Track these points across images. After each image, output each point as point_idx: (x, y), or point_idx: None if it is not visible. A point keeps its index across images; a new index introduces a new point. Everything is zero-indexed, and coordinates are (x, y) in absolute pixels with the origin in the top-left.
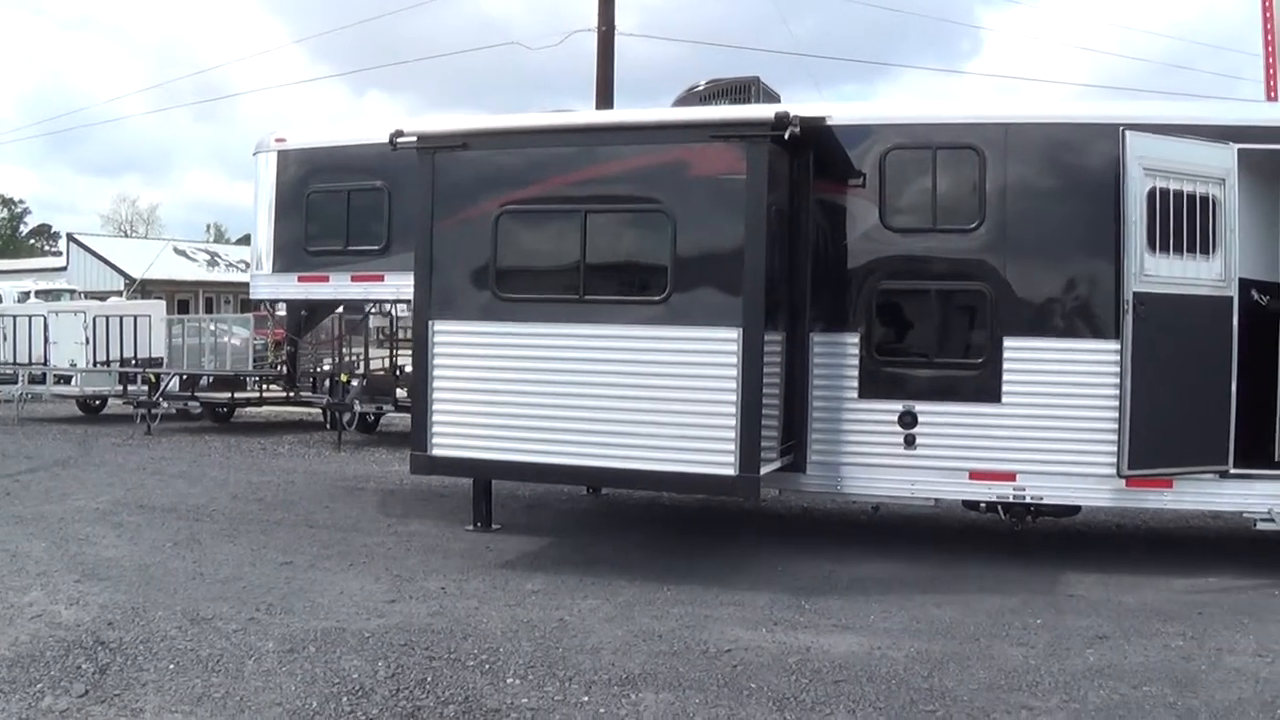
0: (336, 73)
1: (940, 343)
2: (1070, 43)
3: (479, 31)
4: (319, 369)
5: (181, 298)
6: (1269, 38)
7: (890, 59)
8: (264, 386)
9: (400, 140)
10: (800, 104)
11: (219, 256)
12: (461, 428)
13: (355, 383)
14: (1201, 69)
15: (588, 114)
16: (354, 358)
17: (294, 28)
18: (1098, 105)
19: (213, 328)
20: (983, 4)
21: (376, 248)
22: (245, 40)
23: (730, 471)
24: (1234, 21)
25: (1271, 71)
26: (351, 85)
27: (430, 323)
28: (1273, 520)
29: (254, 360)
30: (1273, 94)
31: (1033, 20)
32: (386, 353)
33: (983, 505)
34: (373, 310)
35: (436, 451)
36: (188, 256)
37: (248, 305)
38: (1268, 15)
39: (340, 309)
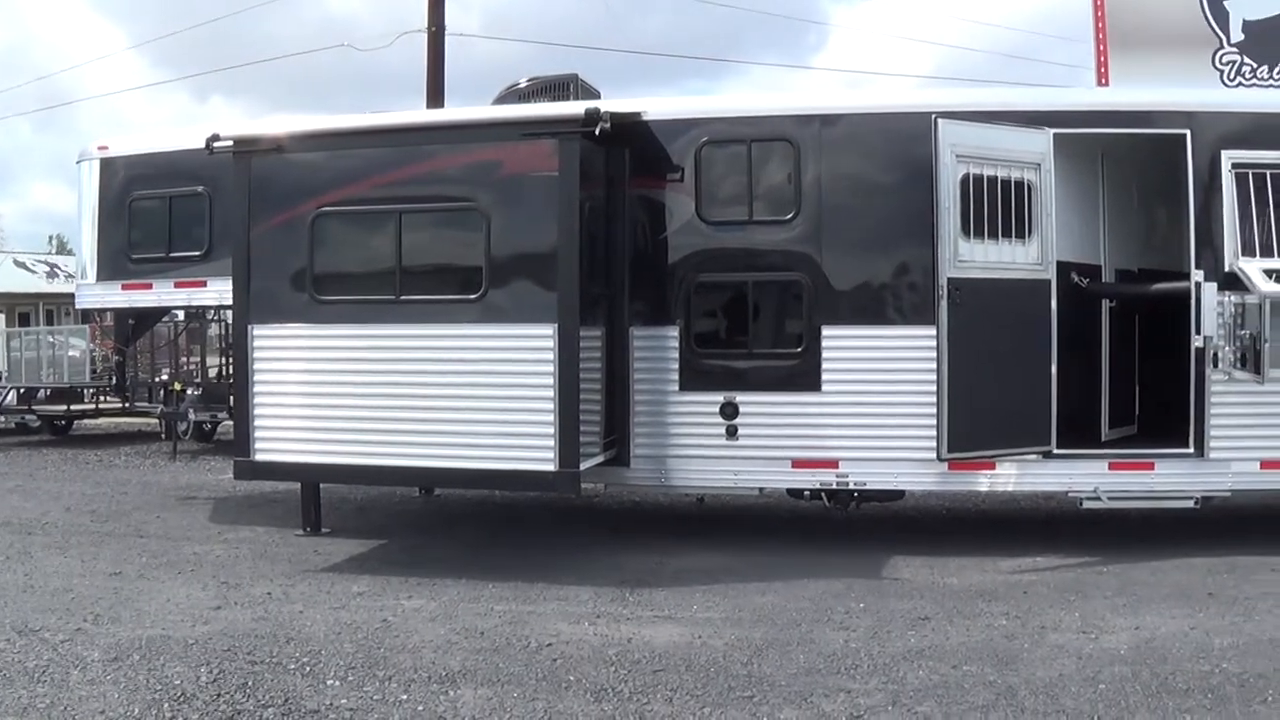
0: (177, 77)
1: (759, 334)
2: (916, 36)
3: (319, 33)
4: (156, 378)
5: (22, 310)
6: (1099, 24)
7: (738, 55)
8: (100, 398)
9: (216, 144)
10: (615, 100)
11: (58, 268)
12: (285, 432)
13: (190, 391)
14: (1050, 60)
15: (402, 114)
16: (191, 366)
17: (134, 32)
18: (911, 94)
19: (51, 340)
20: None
21: (198, 253)
22: (85, 46)
23: (550, 467)
24: (1083, 14)
25: (1102, 58)
26: (194, 90)
27: (249, 327)
28: (1098, 499)
29: (91, 372)
30: (1103, 79)
31: (878, 14)
32: (224, 360)
33: (807, 493)
34: (214, 318)
35: (260, 457)
36: (27, 268)
37: (88, 317)
38: (1099, 2)
39: (180, 315)
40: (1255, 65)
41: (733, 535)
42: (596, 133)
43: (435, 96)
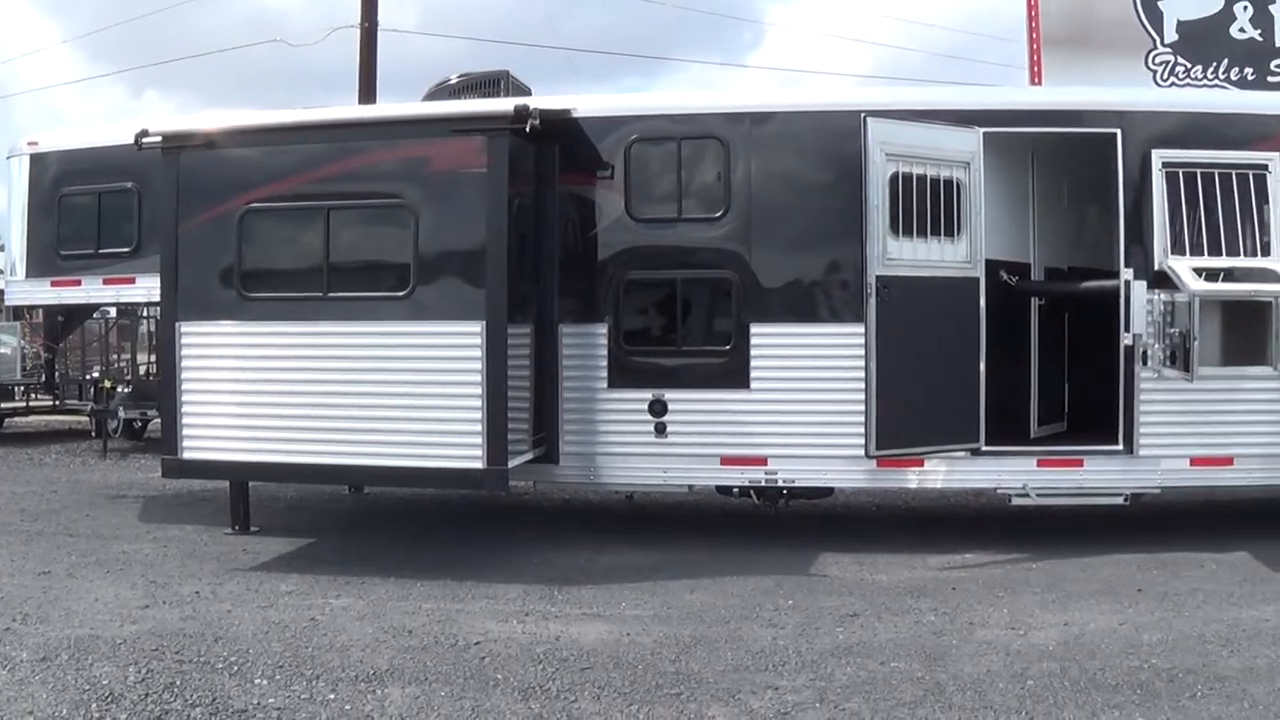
0: (112, 72)
1: (688, 331)
2: (852, 36)
3: (254, 28)
4: (87, 375)
5: None
6: (1033, 24)
7: (674, 53)
8: (31, 395)
9: (146, 140)
10: (545, 97)
11: None
12: (212, 430)
13: (121, 389)
14: (985, 60)
15: (331, 111)
16: (121, 363)
17: (69, 27)
18: (842, 93)
19: None
20: None
21: (127, 250)
22: (18, 40)
23: (478, 465)
24: (1018, 14)
25: (1035, 58)
26: (129, 85)
27: (177, 324)
28: (1027, 496)
29: (22, 369)
30: (1036, 79)
31: (814, 13)
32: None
33: (736, 490)
34: (145, 315)
35: (188, 455)
36: None
37: (19, 313)
38: (1032, 2)
39: (112, 312)
40: (1189, 65)
41: (662, 532)
42: (526, 130)
43: (367, 93)
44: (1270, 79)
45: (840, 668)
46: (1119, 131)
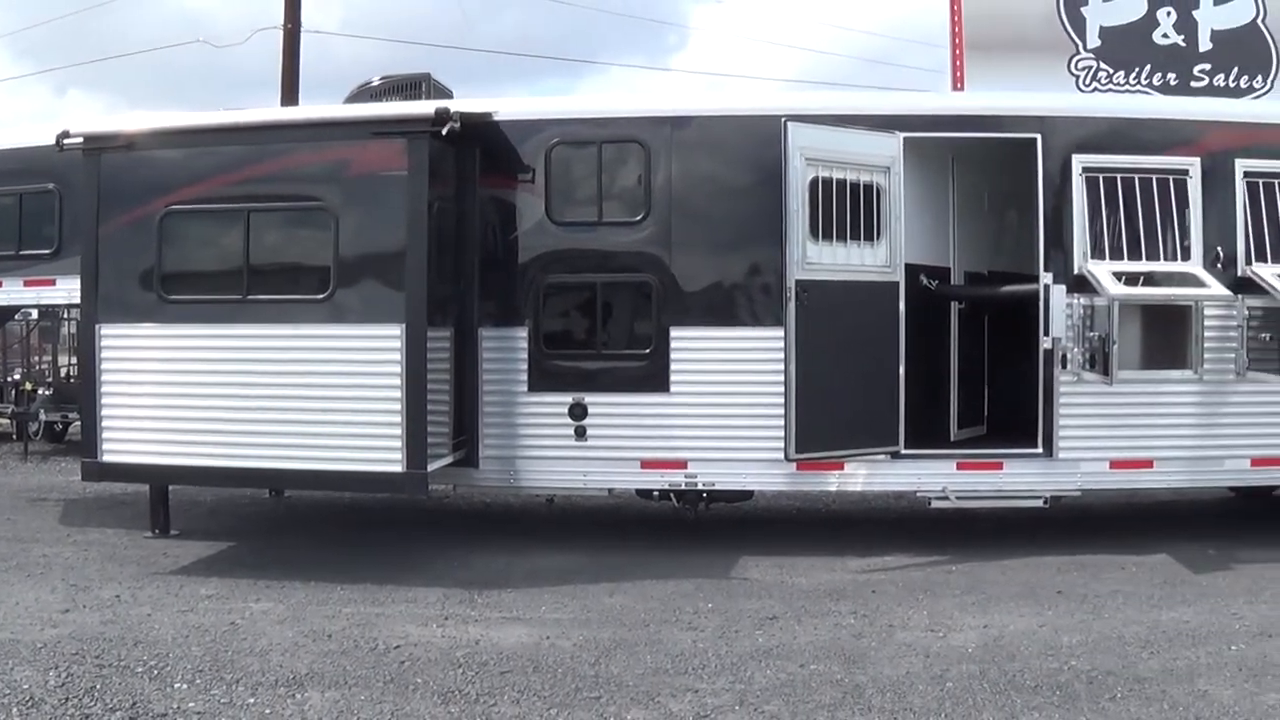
0: (35, 71)
1: (608, 335)
2: (778, 40)
3: (179, 28)
4: (8, 378)
5: None
6: (956, 30)
7: (599, 55)
8: None
9: (67, 141)
10: (466, 100)
11: None
12: (132, 433)
13: (42, 391)
14: (910, 65)
15: (251, 113)
16: (43, 365)
17: None
18: (763, 97)
19: None
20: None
21: (48, 251)
22: None
23: (398, 469)
24: (943, 19)
25: (958, 63)
26: (54, 85)
27: (97, 326)
28: (947, 499)
29: None
30: (959, 84)
31: (740, 17)
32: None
33: (656, 494)
34: (67, 317)
35: (107, 458)
36: None
37: None
38: (955, 7)
39: (34, 314)
40: (1111, 71)
41: (583, 536)
42: (446, 133)
43: (290, 94)
44: (1193, 84)
45: (760, 670)
46: (1039, 136)
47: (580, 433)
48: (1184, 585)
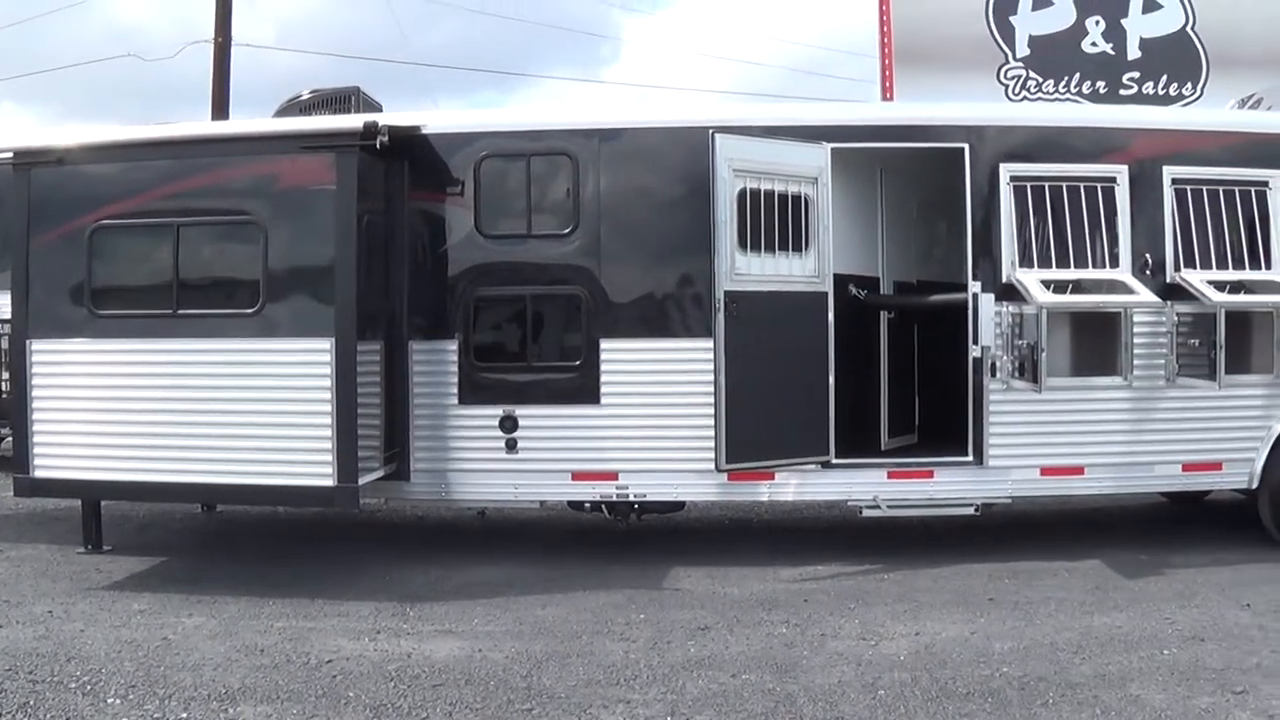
0: None
1: (538, 347)
2: (711, 52)
3: (112, 41)
4: None
5: None
6: (885, 40)
7: (531, 67)
8: None
9: None
10: (395, 113)
11: None
12: (64, 448)
13: None
14: (841, 76)
15: (181, 127)
16: None
17: None
18: (691, 109)
19: None
20: (623, 11)
21: None
22: None
23: (329, 482)
24: (873, 30)
25: (887, 73)
26: None
27: (28, 341)
28: (878, 507)
29: None
30: (888, 94)
31: (674, 29)
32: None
33: (588, 505)
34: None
35: (39, 473)
36: None
37: None
38: (884, 18)
39: None
40: (1040, 80)
41: (515, 548)
42: (376, 146)
43: (220, 108)
44: (1123, 92)
45: (692, 681)
46: (967, 146)
47: (511, 445)
48: (1116, 591)
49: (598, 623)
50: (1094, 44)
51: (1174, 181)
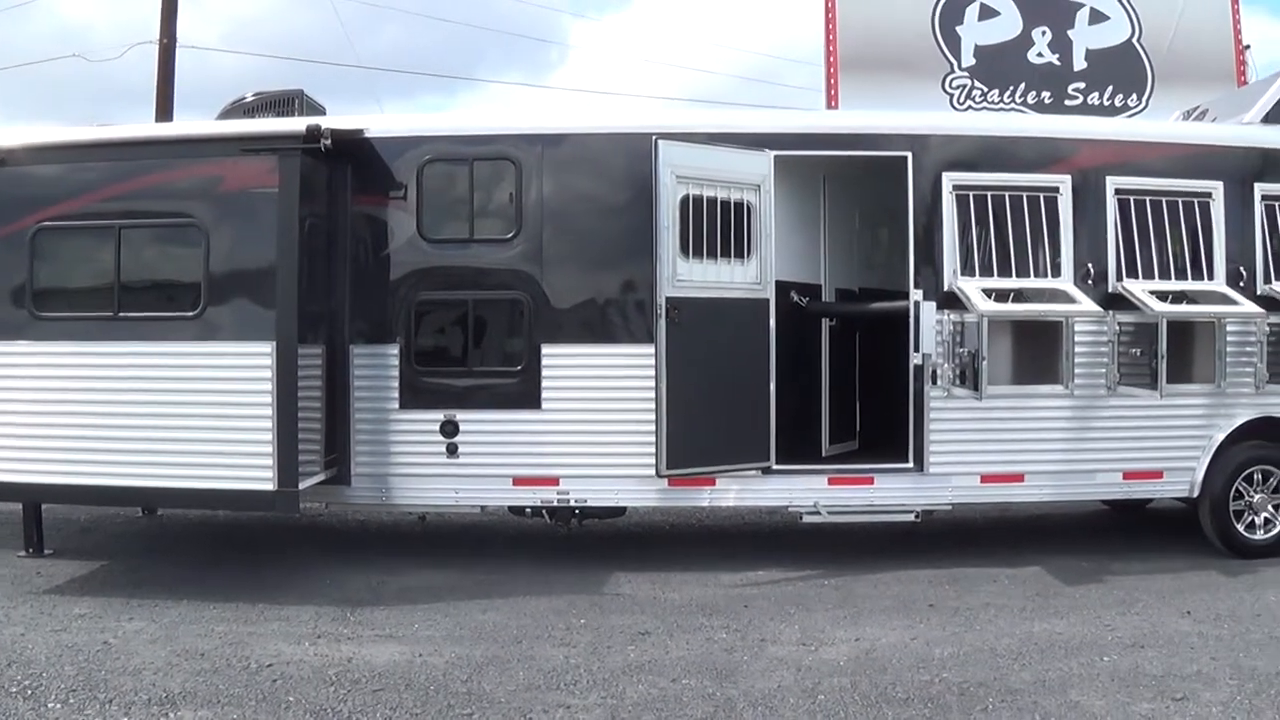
0: None
1: (480, 352)
2: (658, 59)
3: (57, 41)
4: None
5: None
6: (830, 48)
7: (478, 71)
8: None
9: None
10: (338, 116)
11: None
12: (5, 451)
13: None
14: (788, 84)
15: (123, 128)
16: None
17: None
18: (634, 115)
19: None
20: (571, 16)
21: None
22: None
23: (269, 486)
24: (819, 37)
25: (832, 81)
26: None
27: None
28: (818, 513)
29: None
30: (834, 102)
31: (622, 35)
32: None
33: (529, 510)
34: None
35: None
36: None
37: None
38: (830, 26)
39: None
40: (985, 89)
41: (456, 553)
42: (319, 149)
43: (164, 109)
44: (1068, 102)
45: (632, 685)
46: (910, 154)
47: (452, 450)
48: (1057, 597)
49: (538, 628)
50: (1040, 54)
51: (1117, 192)
